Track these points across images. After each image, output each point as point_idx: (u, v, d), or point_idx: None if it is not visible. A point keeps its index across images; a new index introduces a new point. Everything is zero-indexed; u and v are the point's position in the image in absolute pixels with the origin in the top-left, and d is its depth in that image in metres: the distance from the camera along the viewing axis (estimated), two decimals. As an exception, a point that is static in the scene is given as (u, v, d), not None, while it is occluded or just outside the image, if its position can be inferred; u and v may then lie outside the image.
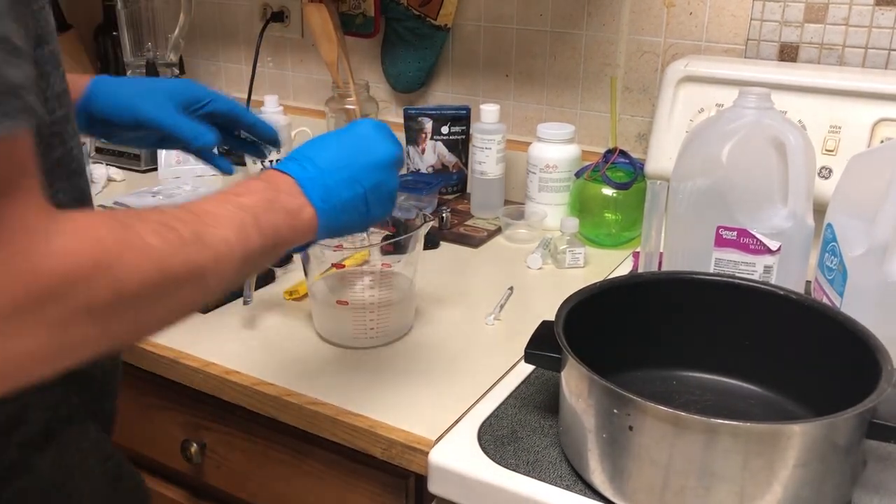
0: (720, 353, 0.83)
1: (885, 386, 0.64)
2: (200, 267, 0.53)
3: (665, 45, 1.28)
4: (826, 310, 0.78)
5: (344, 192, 0.69)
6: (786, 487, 0.62)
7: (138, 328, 0.51)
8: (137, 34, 1.62)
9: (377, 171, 0.72)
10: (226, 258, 0.56)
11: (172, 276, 0.50)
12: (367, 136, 0.73)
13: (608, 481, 0.68)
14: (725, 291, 0.82)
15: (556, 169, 1.25)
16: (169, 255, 0.50)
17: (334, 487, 0.91)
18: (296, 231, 0.65)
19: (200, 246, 0.54)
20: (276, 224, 0.62)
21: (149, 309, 0.50)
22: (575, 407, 0.70)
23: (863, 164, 0.91)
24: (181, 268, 0.51)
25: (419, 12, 1.44)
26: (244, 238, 0.58)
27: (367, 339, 0.94)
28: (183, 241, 0.52)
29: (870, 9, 1.13)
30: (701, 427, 0.62)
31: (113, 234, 0.47)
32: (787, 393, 0.81)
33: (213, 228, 0.55)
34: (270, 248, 0.62)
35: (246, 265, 0.59)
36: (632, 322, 0.81)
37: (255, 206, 0.61)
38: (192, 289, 0.53)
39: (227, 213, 0.58)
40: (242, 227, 0.58)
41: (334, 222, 0.69)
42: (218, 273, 0.55)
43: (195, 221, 0.55)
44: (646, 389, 0.80)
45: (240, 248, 0.57)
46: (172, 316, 0.54)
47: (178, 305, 0.53)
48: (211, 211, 0.57)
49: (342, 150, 0.71)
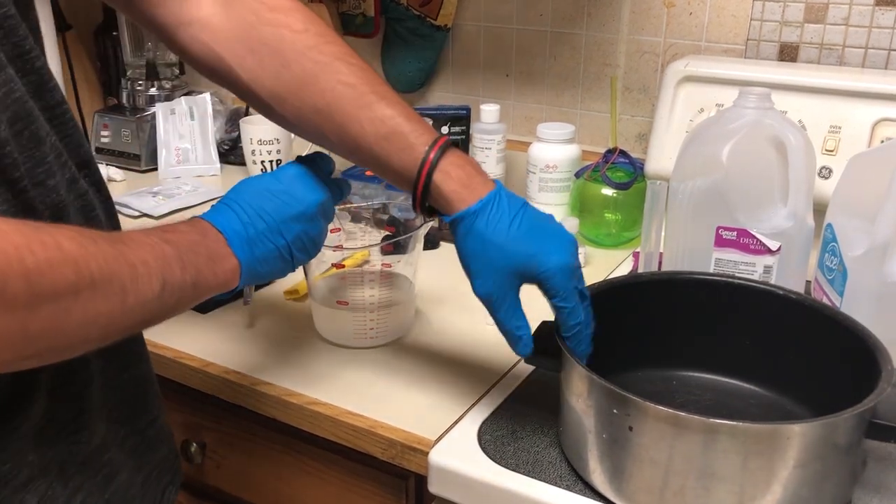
0: (720, 353, 0.83)
1: (885, 386, 0.64)
2: (118, 276, 0.53)
3: (665, 45, 1.28)
4: (825, 310, 0.78)
5: (267, 244, 0.70)
6: (785, 487, 0.62)
7: (57, 331, 0.50)
8: (137, 34, 1.62)
9: (299, 223, 0.73)
10: (145, 279, 0.55)
11: (88, 278, 0.50)
12: (290, 185, 0.73)
13: (608, 482, 0.68)
14: (725, 291, 0.82)
15: (556, 169, 1.25)
16: (84, 259, 0.50)
17: (334, 487, 0.91)
18: (217, 277, 0.66)
19: (119, 259, 0.53)
20: (198, 265, 0.63)
21: (66, 310, 0.49)
22: (575, 407, 0.70)
23: (863, 164, 0.91)
24: (97, 272, 0.51)
25: (419, 12, 1.44)
26: (165, 266, 0.58)
27: (367, 339, 0.94)
28: (100, 250, 0.52)
29: (870, 9, 1.13)
30: (700, 427, 0.62)
31: (19, 230, 0.47)
32: (786, 393, 0.81)
33: (133, 249, 0.56)
34: (190, 287, 0.62)
35: (165, 294, 0.58)
36: (631, 322, 0.81)
37: (179, 243, 0.61)
38: (110, 299, 0.52)
39: (150, 242, 0.58)
40: (164, 257, 0.58)
41: (257, 271, 0.70)
42: (136, 292, 0.55)
43: (116, 240, 0.55)
44: (645, 389, 0.79)
45: (158, 274, 0.57)
46: (92, 327, 0.53)
47: (95, 314, 0.52)
48: (134, 237, 0.57)
49: (266, 201, 0.71)
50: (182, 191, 1.43)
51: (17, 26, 0.57)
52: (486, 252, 0.71)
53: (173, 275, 0.59)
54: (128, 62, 1.62)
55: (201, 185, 1.46)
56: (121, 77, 1.64)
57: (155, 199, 1.39)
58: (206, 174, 1.54)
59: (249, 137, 1.43)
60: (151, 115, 1.56)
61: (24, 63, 0.58)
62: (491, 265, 0.71)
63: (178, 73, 1.64)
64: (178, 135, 1.55)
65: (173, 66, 1.63)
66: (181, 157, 1.54)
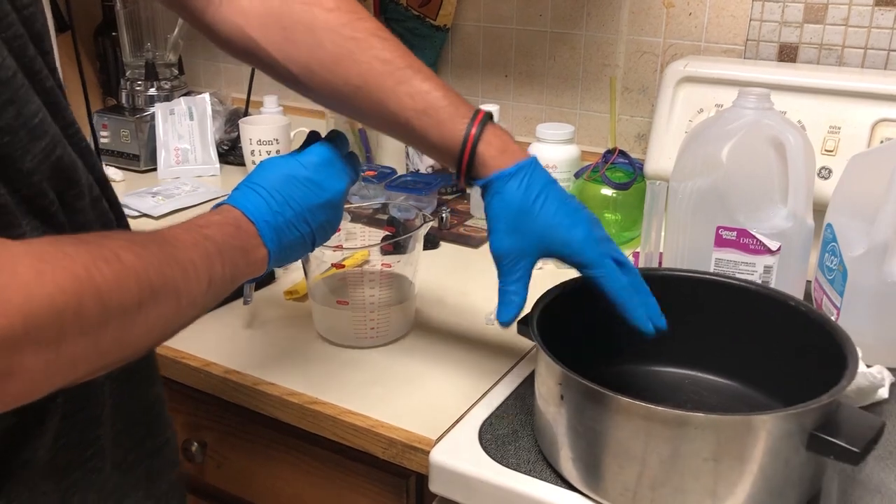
0: (698, 349, 0.83)
1: (845, 384, 0.65)
2: (172, 281, 0.53)
3: (664, 46, 1.28)
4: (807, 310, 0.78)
5: (293, 232, 0.71)
6: (756, 477, 0.63)
7: (123, 343, 0.51)
8: (137, 34, 1.62)
9: (324, 211, 0.73)
10: (194, 279, 0.56)
11: (149, 288, 0.51)
12: (317, 173, 0.73)
13: (579, 473, 0.69)
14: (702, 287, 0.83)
15: (556, 169, 1.25)
16: (144, 268, 0.50)
17: (334, 487, 0.91)
18: (249, 268, 0.67)
19: (172, 263, 0.54)
20: (235, 259, 0.63)
21: (132, 321, 0.50)
22: (547, 401, 0.71)
23: (863, 164, 0.92)
24: (157, 280, 0.51)
25: (418, 12, 1.44)
26: (209, 265, 0.59)
27: (367, 339, 0.94)
28: (154, 255, 0.52)
29: (869, 9, 1.13)
30: (674, 420, 0.62)
31: (84, 248, 0.47)
32: (758, 386, 0.81)
33: (181, 250, 0.56)
34: (229, 281, 0.63)
35: (210, 292, 0.59)
36: (598, 319, 0.80)
37: (218, 238, 0.62)
38: (167, 304, 0.53)
39: (193, 240, 0.59)
40: (208, 255, 0.59)
41: (281, 258, 0.71)
42: (188, 293, 0.56)
43: (163, 242, 0.55)
44: (621, 385, 0.79)
45: (205, 273, 0.58)
46: (153, 333, 0.54)
47: (156, 320, 0.53)
48: (178, 236, 0.58)
49: (293, 188, 0.71)
50: (181, 191, 1.43)
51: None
52: (512, 213, 0.73)
53: (216, 272, 0.59)
54: (127, 62, 1.62)
55: (201, 186, 1.46)
56: (120, 77, 1.64)
57: (154, 200, 1.39)
58: (205, 174, 1.54)
59: (249, 137, 1.44)
60: (151, 115, 1.56)
61: (43, 83, 0.58)
62: (514, 226, 0.73)
63: (177, 74, 1.64)
64: (178, 135, 1.55)
65: (172, 66, 1.63)
66: (180, 157, 1.54)
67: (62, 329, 0.44)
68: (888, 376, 0.82)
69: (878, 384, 0.80)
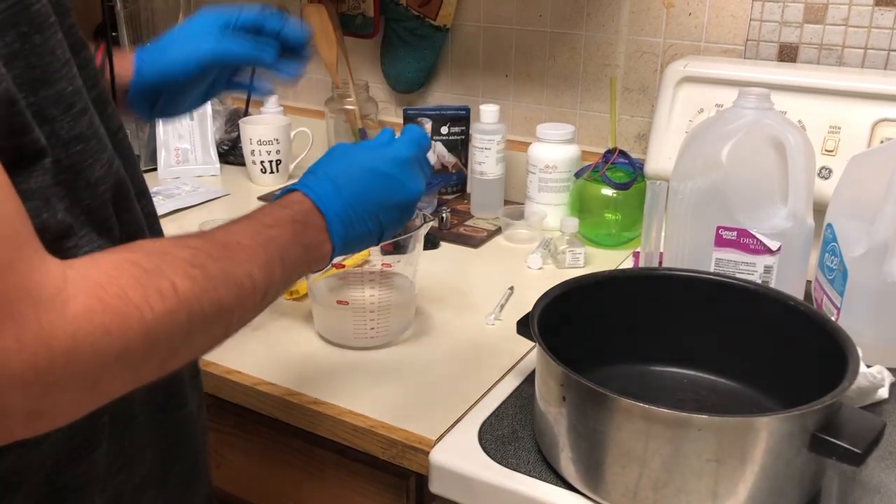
0: (698, 348, 0.83)
1: (847, 384, 0.65)
2: (228, 305, 0.53)
3: (664, 46, 1.28)
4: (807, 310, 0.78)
5: (362, 228, 0.68)
6: (757, 478, 0.63)
7: (166, 368, 0.50)
8: (137, 34, 1.62)
9: (399, 210, 0.71)
10: (249, 294, 0.55)
11: (200, 317, 0.50)
12: (400, 171, 0.70)
13: (580, 474, 0.69)
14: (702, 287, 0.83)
15: (556, 169, 1.25)
16: (197, 297, 0.49)
17: (335, 487, 0.91)
18: (310, 265, 0.66)
19: (229, 284, 0.53)
20: (296, 260, 0.62)
21: (177, 351, 0.50)
22: (548, 402, 0.71)
23: (863, 164, 0.92)
24: (209, 307, 0.50)
25: (418, 13, 1.44)
26: (268, 274, 0.57)
27: (367, 339, 0.94)
28: (211, 279, 0.51)
29: (869, 9, 1.13)
30: (676, 421, 0.62)
31: (137, 282, 0.46)
32: (757, 386, 0.81)
33: (240, 266, 0.55)
34: (282, 285, 0.62)
35: (265, 301, 0.58)
36: (598, 319, 0.81)
37: (281, 238, 0.60)
38: (218, 328, 0.53)
39: (255, 245, 0.57)
40: (269, 263, 0.57)
41: (343, 253, 0.69)
42: (241, 310, 0.55)
43: (225, 258, 0.54)
44: (621, 385, 0.80)
45: (263, 283, 0.56)
46: (198, 354, 0.54)
47: (203, 344, 0.53)
48: (242, 243, 0.56)
49: (372, 182, 0.68)
50: (182, 191, 1.43)
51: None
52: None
53: (275, 279, 0.58)
54: (127, 62, 1.62)
55: (201, 186, 1.46)
56: (120, 77, 1.64)
57: (154, 200, 1.38)
58: (205, 174, 1.54)
59: (249, 137, 1.44)
60: (151, 115, 1.56)
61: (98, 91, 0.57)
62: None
63: (177, 74, 1.63)
64: (178, 135, 1.55)
65: (172, 66, 1.63)
66: (181, 157, 1.54)
67: (103, 369, 0.44)
68: (888, 376, 0.82)
69: (878, 384, 0.80)
